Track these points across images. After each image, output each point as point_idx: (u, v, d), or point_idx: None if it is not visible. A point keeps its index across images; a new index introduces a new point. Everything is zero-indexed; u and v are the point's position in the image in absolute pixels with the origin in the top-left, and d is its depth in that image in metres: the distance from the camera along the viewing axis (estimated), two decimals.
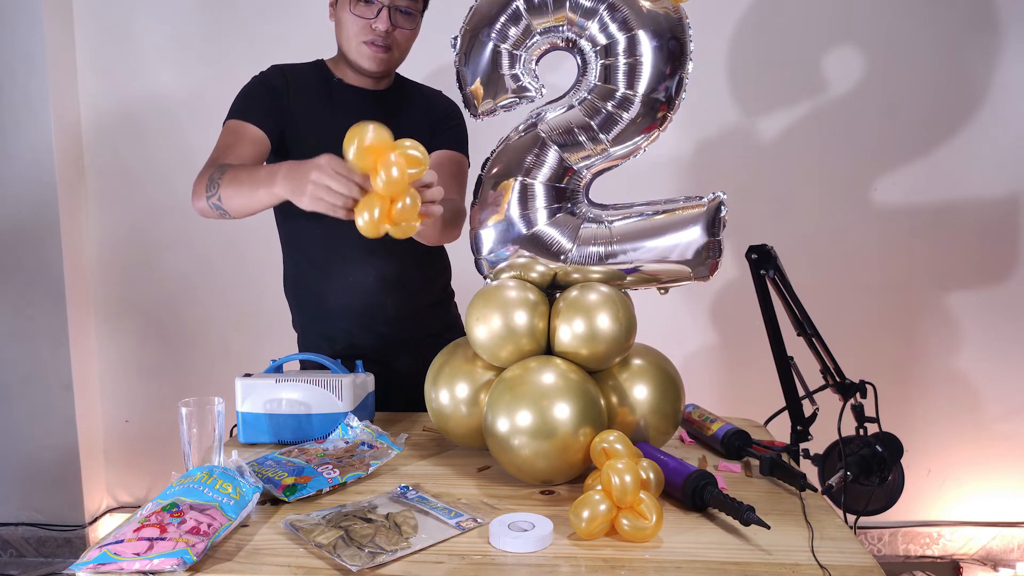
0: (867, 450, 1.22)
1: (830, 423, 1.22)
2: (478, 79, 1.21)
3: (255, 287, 2.38)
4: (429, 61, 1.79)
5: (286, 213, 1.52)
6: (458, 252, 1.56)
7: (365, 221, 1.05)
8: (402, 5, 1.42)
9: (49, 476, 2.44)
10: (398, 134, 1.51)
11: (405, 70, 1.60)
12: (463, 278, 1.64)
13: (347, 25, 1.43)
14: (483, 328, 1.15)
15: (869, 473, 1.22)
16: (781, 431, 1.35)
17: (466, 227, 1.26)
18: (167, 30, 2.34)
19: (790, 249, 1.48)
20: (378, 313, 1.54)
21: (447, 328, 1.63)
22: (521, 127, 1.21)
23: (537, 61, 1.23)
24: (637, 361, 1.20)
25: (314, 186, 1.07)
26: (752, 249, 1.28)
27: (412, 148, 1.05)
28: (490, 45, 1.19)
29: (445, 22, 1.51)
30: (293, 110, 1.47)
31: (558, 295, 1.20)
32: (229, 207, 1.26)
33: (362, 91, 1.52)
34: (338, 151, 1.46)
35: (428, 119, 1.55)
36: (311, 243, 1.52)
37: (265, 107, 1.44)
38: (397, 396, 1.53)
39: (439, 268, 1.65)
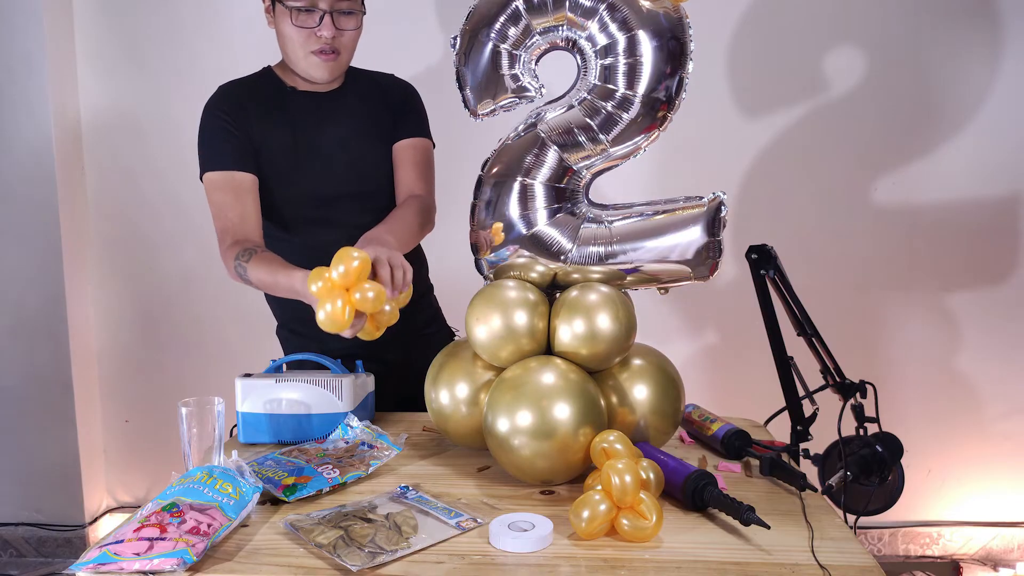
0: (867, 450, 1.22)
1: (830, 423, 1.22)
2: (478, 79, 1.21)
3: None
4: (429, 61, 1.79)
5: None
6: (458, 251, 1.56)
7: (327, 313, 1.10)
8: (343, 7, 1.38)
9: (49, 476, 2.44)
10: (361, 132, 1.50)
11: (406, 71, 1.60)
12: (464, 278, 1.64)
13: (291, 37, 1.39)
14: (483, 328, 1.15)
15: (869, 473, 1.22)
16: (781, 431, 1.35)
17: (466, 227, 1.26)
18: (167, 30, 2.34)
19: (790, 249, 1.48)
20: None
21: (431, 320, 1.64)
22: (521, 127, 1.21)
23: (537, 61, 1.23)
24: (637, 361, 1.20)
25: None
26: (752, 249, 1.28)
27: (371, 291, 1.09)
28: (490, 45, 1.19)
29: (445, 22, 1.50)
30: (255, 130, 1.44)
31: (558, 295, 1.20)
32: (266, 291, 1.39)
33: (316, 96, 1.48)
34: (301, 163, 1.46)
35: (388, 108, 1.53)
36: (290, 252, 1.45)
37: (238, 145, 1.41)
38: (388, 389, 1.53)
39: (419, 262, 1.64)
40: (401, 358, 1.52)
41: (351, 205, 1.49)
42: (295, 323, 1.58)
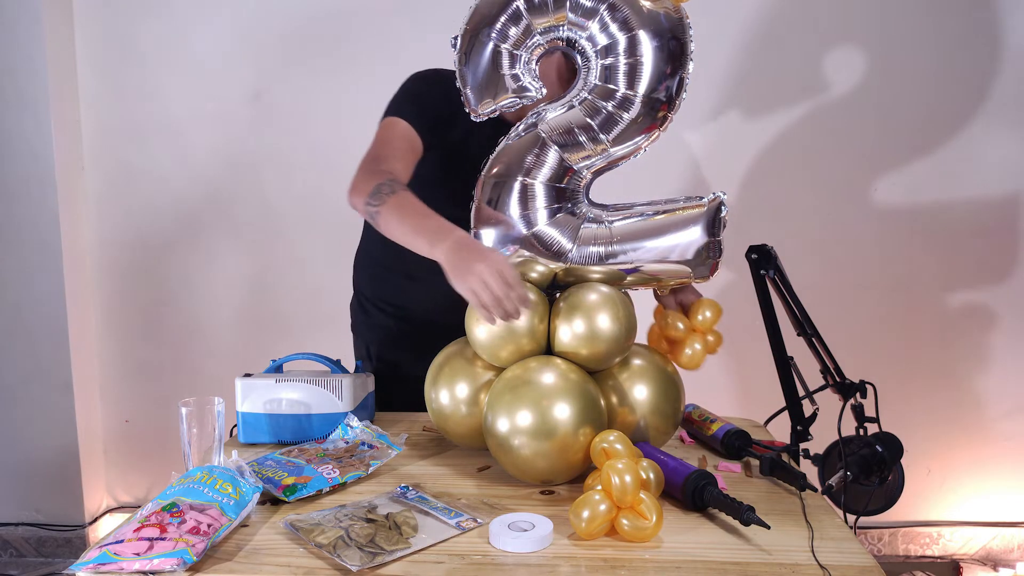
0: (867, 450, 1.22)
1: (830, 423, 1.22)
2: (478, 79, 1.21)
3: (255, 287, 2.38)
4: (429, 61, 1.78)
5: None
6: None
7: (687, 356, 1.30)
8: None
9: (49, 476, 2.44)
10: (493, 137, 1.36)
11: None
12: None
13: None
14: (483, 328, 1.15)
15: (869, 473, 1.22)
16: (781, 431, 1.35)
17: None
18: (167, 30, 2.34)
19: (790, 249, 1.48)
20: (452, 316, 1.34)
21: None
22: (521, 127, 1.21)
23: (537, 61, 1.23)
24: (637, 361, 1.20)
25: (477, 279, 1.05)
26: (752, 249, 1.28)
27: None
28: (490, 45, 1.19)
29: (445, 22, 1.50)
30: (445, 124, 1.38)
31: (558, 295, 1.20)
32: (382, 228, 1.22)
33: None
34: (457, 168, 1.34)
35: None
36: (398, 248, 1.30)
37: (434, 122, 1.37)
38: (403, 392, 1.52)
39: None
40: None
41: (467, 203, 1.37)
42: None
